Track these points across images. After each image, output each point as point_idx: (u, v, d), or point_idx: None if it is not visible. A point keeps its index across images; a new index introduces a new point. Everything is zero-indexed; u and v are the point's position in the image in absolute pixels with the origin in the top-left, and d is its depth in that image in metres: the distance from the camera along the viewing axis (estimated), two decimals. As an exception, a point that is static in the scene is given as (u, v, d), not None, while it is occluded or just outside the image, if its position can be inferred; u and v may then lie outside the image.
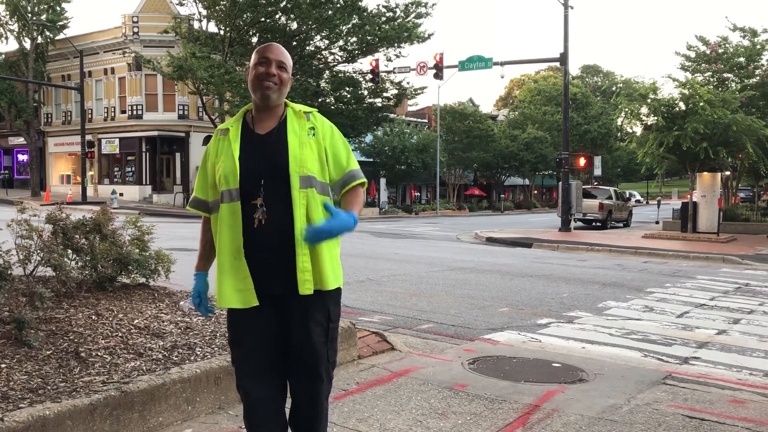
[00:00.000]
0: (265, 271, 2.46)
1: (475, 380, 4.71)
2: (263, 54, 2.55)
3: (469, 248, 16.78)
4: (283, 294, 2.47)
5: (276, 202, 2.44)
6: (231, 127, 2.58)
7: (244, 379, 2.56)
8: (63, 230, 5.16)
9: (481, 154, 47.18)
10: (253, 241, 2.44)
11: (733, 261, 14.53)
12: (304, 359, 2.53)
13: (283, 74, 2.55)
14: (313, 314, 2.51)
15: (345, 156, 2.62)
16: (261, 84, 2.51)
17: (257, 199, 2.44)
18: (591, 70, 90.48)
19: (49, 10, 35.52)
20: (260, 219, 2.43)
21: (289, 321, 2.52)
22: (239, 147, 2.51)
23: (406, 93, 34.37)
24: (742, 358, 5.73)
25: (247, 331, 2.53)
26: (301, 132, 2.53)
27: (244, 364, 2.56)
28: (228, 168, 2.48)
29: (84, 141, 32.82)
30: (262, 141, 2.52)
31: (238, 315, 2.53)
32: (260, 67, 2.53)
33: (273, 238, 2.44)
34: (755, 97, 22.91)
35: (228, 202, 2.48)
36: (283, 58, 2.56)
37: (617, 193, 29.88)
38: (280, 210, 2.44)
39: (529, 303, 8.25)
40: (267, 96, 2.51)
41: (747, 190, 41.51)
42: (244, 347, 2.55)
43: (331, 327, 2.59)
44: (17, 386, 3.30)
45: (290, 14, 29.08)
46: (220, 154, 2.55)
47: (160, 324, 4.61)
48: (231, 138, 2.54)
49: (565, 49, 23.35)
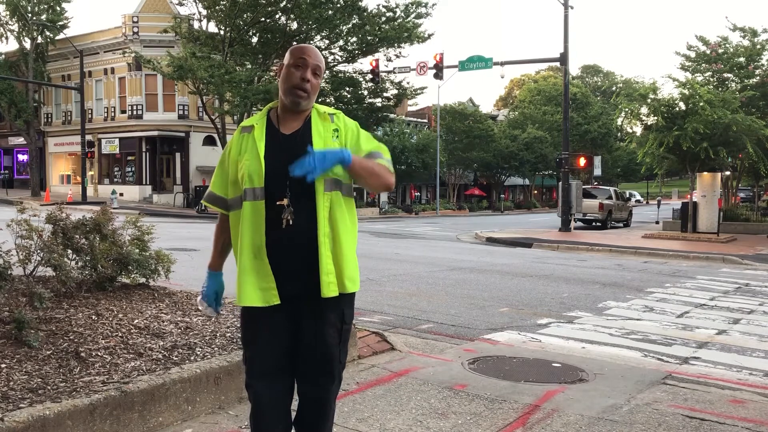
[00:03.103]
0: (286, 272, 2.45)
1: (475, 380, 4.71)
2: (300, 55, 2.50)
3: (469, 248, 16.78)
4: (300, 295, 2.46)
5: (301, 203, 2.43)
6: (256, 125, 2.56)
7: (254, 379, 2.55)
8: (63, 230, 5.16)
9: (481, 154, 47.19)
10: (275, 240, 2.43)
11: (733, 261, 14.52)
12: (317, 360, 2.53)
13: (317, 80, 2.52)
14: (328, 316, 2.50)
15: (374, 146, 2.57)
16: (294, 90, 2.48)
17: (284, 200, 2.42)
18: (591, 70, 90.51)
19: (49, 10, 35.52)
20: (288, 219, 2.42)
21: (302, 322, 2.51)
22: (264, 146, 2.49)
23: (406, 93, 34.41)
24: (742, 358, 5.73)
25: (260, 330, 2.53)
26: (326, 134, 2.50)
27: (255, 363, 2.55)
28: (253, 167, 2.46)
29: (84, 141, 32.83)
30: (287, 141, 2.50)
31: (252, 314, 2.52)
32: (296, 71, 2.48)
33: (296, 238, 2.42)
34: (755, 97, 22.89)
35: (251, 200, 2.46)
36: (319, 63, 2.53)
37: (617, 193, 29.89)
38: (304, 211, 2.43)
39: (529, 303, 8.25)
40: (298, 103, 2.50)
41: (747, 190, 41.52)
42: (257, 347, 2.54)
43: (345, 329, 2.58)
44: (17, 386, 3.30)
45: (290, 14, 29.10)
46: (244, 151, 2.52)
47: (160, 324, 4.61)
48: (256, 136, 2.52)
49: (565, 49, 23.35)
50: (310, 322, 2.50)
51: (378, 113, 35.42)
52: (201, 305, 2.78)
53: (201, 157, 35.43)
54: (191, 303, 5.35)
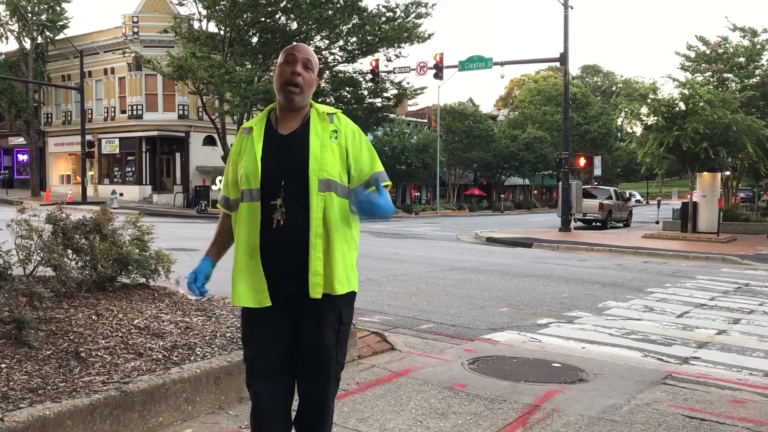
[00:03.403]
0: (279, 272, 2.46)
1: (475, 380, 4.71)
2: (290, 52, 2.55)
3: (469, 248, 16.78)
4: (297, 295, 2.47)
5: (294, 203, 2.44)
6: (255, 126, 2.59)
7: (254, 378, 2.56)
8: (63, 230, 5.16)
9: (481, 154, 47.19)
10: (269, 241, 2.45)
11: (733, 261, 14.52)
12: (313, 360, 2.54)
13: (309, 74, 2.54)
14: (325, 316, 2.51)
15: (368, 159, 2.60)
16: (286, 86, 2.51)
17: (277, 200, 2.45)
18: (591, 70, 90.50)
19: (49, 10, 35.51)
20: (279, 220, 2.44)
21: (301, 322, 2.52)
22: (262, 147, 2.51)
23: (406, 93, 34.40)
24: (742, 358, 5.73)
25: (259, 330, 2.54)
26: (324, 134, 2.52)
27: (255, 363, 2.56)
28: (250, 168, 2.49)
29: (84, 141, 32.82)
30: (284, 141, 2.52)
31: (251, 314, 2.54)
32: (286, 67, 2.52)
33: (289, 239, 2.44)
34: (755, 97, 22.90)
35: (248, 201, 2.49)
36: (310, 57, 2.56)
37: (617, 193, 29.89)
38: (298, 212, 2.44)
39: (529, 303, 8.25)
40: (291, 99, 2.52)
41: (747, 190, 41.52)
42: (256, 346, 2.55)
43: (342, 329, 2.59)
44: (17, 386, 3.30)
45: (290, 14, 29.09)
46: (243, 153, 2.55)
47: (160, 324, 4.61)
48: (254, 138, 2.55)
49: (565, 49, 23.35)
50: (308, 321, 2.51)
51: (378, 113, 35.41)
52: (181, 281, 2.71)
53: (201, 157, 35.44)
54: (191, 303, 5.35)
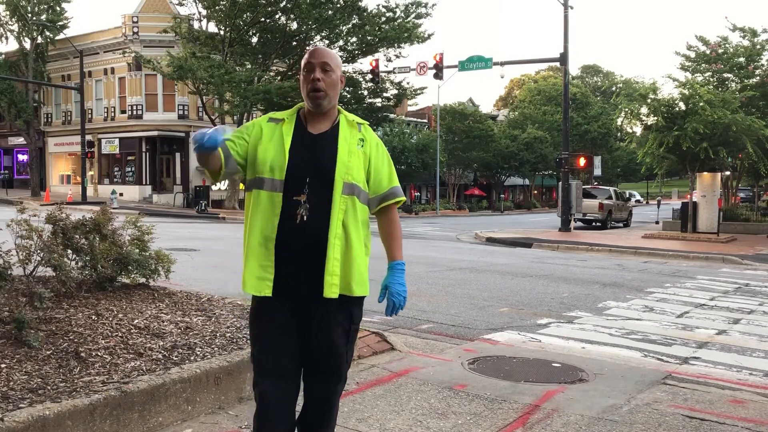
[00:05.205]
0: (294, 268, 2.47)
1: (475, 380, 4.71)
2: (307, 60, 2.57)
3: (469, 248, 16.77)
4: (305, 292, 2.48)
5: (317, 202, 2.46)
6: (286, 119, 2.60)
7: (261, 377, 2.56)
8: (63, 230, 5.16)
9: (481, 154, 47.18)
10: (287, 235, 2.46)
11: (733, 261, 14.52)
12: (324, 359, 2.55)
13: (330, 76, 2.55)
14: (336, 315, 2.53)
15: (387, 172, 2.65)
16: (310, 94, 2.53)
17: (301, 196, 2.46)
18: (591, 70, 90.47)
19: (49, 10, 35.48)
20: (303, 216, 2.45)
21: (310, 321, 2.53)
22: (291, 141, 2.53)
23: (406, 93, 34.41)
24: (742, 358, 5.73)
25: (268, 328, 2.54)
26: (351, 140, 2.56)
27: (262, 362, 2.56)
28: (277, 159, 2.50)
29: (84, 141, 32.81)
30: (314, 141, 2.55)
31: (260, 312, 2.55)
32: (307, 75, 2.55)
33: (307, 237, 2.45)
34: (755, 97, 22.90)
35: (269, 190, 2.49)
36: (328, 59, 2.56)
37: (617, 193, 29.89)
38: (319, 211, 2.46)
39: (529, 303, 8.25)
40: (318, 104, 2.54)
41: (747, 190, 41.50)
42: (264, 345, 2.55)
43: (353, 329, 2.61)
44: (17, 386, 3.30)
45: (290, 14, 29.11)
46: (270, 140, 2.56)
47: (160, 324, 4.61)
48: (284, 130, 2.56)
49: (565, 49, 23.35)
50: (317, 321, 2.52)
51: (378, 113, 35.41)
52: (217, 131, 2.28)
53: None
54: (191, 303, 5.36)
